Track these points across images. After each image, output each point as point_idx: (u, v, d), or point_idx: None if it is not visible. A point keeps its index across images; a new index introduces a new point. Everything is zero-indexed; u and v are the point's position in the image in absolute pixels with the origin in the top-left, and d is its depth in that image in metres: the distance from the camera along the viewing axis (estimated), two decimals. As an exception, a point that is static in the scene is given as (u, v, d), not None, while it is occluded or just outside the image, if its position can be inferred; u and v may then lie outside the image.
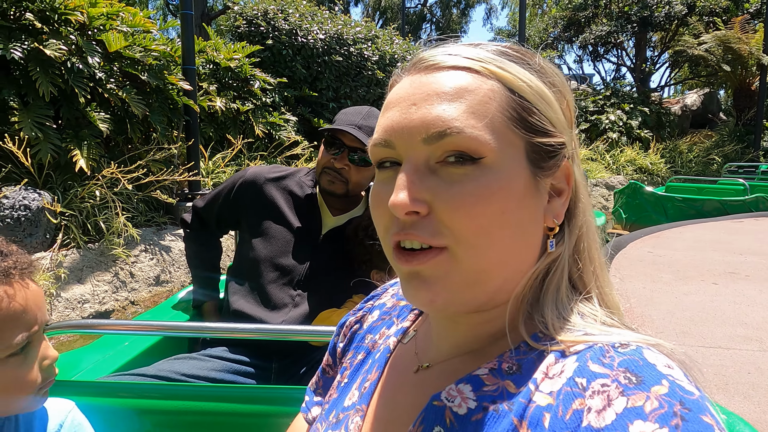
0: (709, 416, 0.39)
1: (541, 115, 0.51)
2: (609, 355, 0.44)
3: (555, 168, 0.52)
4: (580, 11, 16.90)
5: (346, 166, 1.60)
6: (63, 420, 0.88)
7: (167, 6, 19.56)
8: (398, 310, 0.71)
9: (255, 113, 6.69)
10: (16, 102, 3.84)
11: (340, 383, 0.69)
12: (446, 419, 0.50)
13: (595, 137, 13.51)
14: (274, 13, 8.06)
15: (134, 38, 4.64)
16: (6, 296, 0.76)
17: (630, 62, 18.39)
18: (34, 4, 4.01)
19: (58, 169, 4.10)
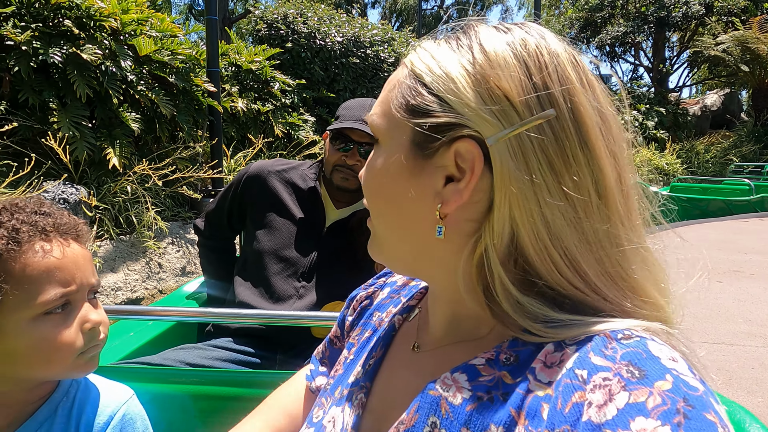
0: (713, 413, 0.38)
1: (429, 96, 0.50)
2: (611, 347, 0.43)
3: (439, 149, 0.50)
4: (597, 12, 16.90)
5: (358, 161, 1.62)
6: (116, 411, 0.85)
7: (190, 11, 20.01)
8: (407, 289, 0.72)
9: (275, 114, 6.94)
10: (55, 103, 4.12)
11: (346, 359, 0.70)
12: (441, 409, 0.50)
13: (610, 138, 13.53)
14: (293, 17, 8.32)
15: (162, 42, 4.90)
16: (42, 251, 0.76)
17: (648, 63, 18.31)
18: (71, 12, 4.29)
19: (93, 165, 4.37)
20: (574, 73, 0.49)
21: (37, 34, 4.01)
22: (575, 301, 0.48)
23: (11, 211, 0.79)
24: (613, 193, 0.48)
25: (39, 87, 4.09)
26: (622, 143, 0.52)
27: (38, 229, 0.77)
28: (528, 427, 0.43)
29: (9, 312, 0.74)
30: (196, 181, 5.25)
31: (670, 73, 18.27)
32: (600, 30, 17.10)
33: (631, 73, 19.38)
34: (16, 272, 0.74)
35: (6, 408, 0.79)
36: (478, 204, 0.50)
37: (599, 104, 0.50)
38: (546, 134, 0.47)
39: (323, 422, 0.62)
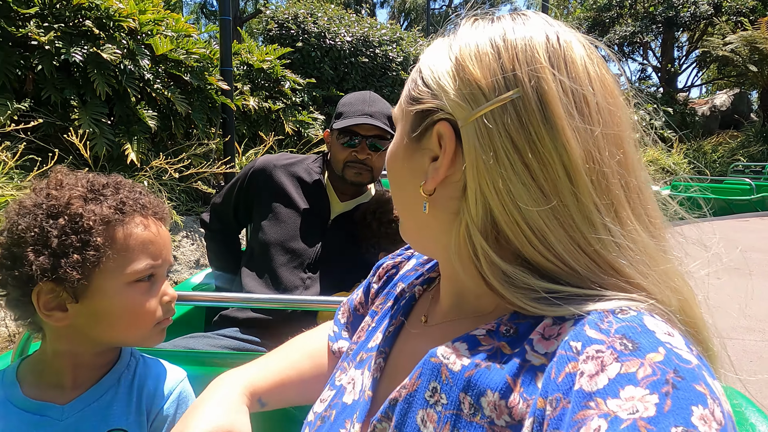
0: (703, 385, 0.39)
1: (421, 87, 0.57)
2: (607, 321, 0.45)
3: (426, 131, 0.56)
4: (605, 12, 16.92)
5: (369, 155, 1.66)
6: (173, 388, 0.91)
7: (202, 10, 20.21)
8: (430, 263, 0.75)
9: (285, 112, 7.08)
10: (76, 100, 4.28)
11: (369, 326, 0.73)
12: (442, 375, 0.52)
13: (617, 137, 13.57)
14: (303, 17, 8.46)
15: (178, 42, 5.06)
16: (141, 224, 0.84)
17: (656, 62, 18.30)
18: (92, 12, 4.45)
19: (112, 161, 4.53)
20: (546, 55, 0.51)
21: (59, 34, 4.17)
22: (551, 273, 0.50)
23: (115, 186, 0.86)
24: (580, 172, 0.49)
25: (61, 85, 4.25)
26: (617, 129, 0.51)
27: (139, 204, 0.85)
28: (522, 394, 0.45)
29: (107, 274, 0.80)
30: (209, 176, 5.40)
31: (678, 73, 18.25)
32: (608, 30, 17.11)
33: (640, 72, 19.36)
34: (120, 239, 0.81)
35: (74, 369, 0.85)
36: (457, 183, 0.54)
37: (578, 84, 0.50)
38: (509, 114, 0.49)
39: (344, 383, 0.66)
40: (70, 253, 0.76)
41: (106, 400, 0.85)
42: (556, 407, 0.42)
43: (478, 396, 0.48)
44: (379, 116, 1.65)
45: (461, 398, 0.49)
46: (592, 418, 0.39)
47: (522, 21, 0.54)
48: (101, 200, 0.81)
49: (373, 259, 1.61)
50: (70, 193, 0.80)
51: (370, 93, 1.73)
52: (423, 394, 0.52)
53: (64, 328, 0.82)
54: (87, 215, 0.78)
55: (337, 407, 0.63)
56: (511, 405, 0.46)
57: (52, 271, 0.76)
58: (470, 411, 0.48)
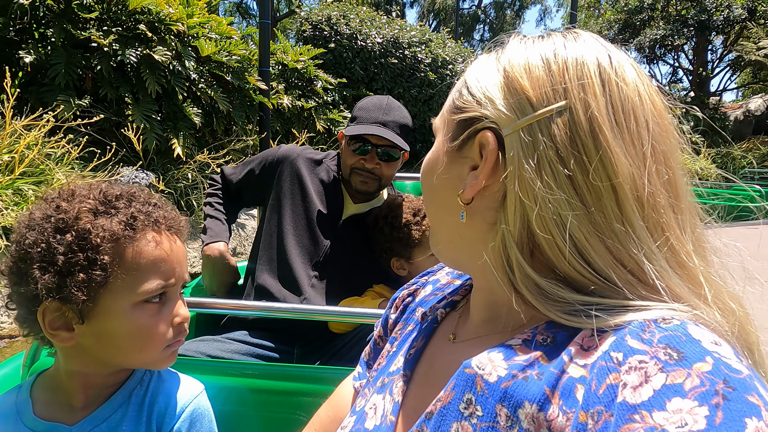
0: (756, 396, 0.37)
1: (466, 96, 0.57)
2: (649, 330, 0.43)
3: (467, 140, 0.56)
4: (636, 14, 16.83)
5: (377, 165, 1.62)
6: (187, 404, 0.86)
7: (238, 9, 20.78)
8: (452, 287, 0.74)
9: (317, 110, 7.40)
10: (130, 98, 4.66)
11: (389, 352, 0.72)
12: (477, 386, 0.50)
13: (644, 141, 13.57)
14: (336, 19, 8.78)
15: (221, 44, 5.41)
16: (153, 241, 0.78)
17: (689, 65, 18.12)
18: (145, 17, 4.83)
19: (159, 154, 4.91)
20: (596, 71, 0.51)
21: (116, 37, 4.55)
22: (586, 287, 0.48)
23: (128, 198, 0.81)
24: (625, 187, 0.48)
25: (117, 84, 4.64)
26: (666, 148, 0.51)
27: (152, 219, 0.80)
28: (562, 407, 0.43)
29: (114, 294, 0.75)
30: (246, 171, 5.77)
31: (710, 77, 18.03)
32: (639, 32, 17.02)
33: (670, 76, 19.18)
34: (129, 258, 0.76)
35: (85, 389, 0.82)
36: (497, 193, 0.53)
37: (628, 101, 0.50)
38: (557, 124, 0.49)
39: (365, 409, 0.64)
40: (76, 272, 0.72)
41: (116, 420, 0.81)
42: (598, 420, 0.40)
43: (515, 408, 0.46)
44: (392, 126, 1.62)
45: (497, 410, 0.48)
46: (638, 431, 0.37)
47: (573, 38, 0.54)
48: (112, 214, 0.77)
49: (385, 265, 1.65)
50: (80, 206, 0.76)
51: (389, 99, 1.70)
52: (457, 406, 0.51)
53: (71, 348, 0.78)
54: (95, 231, 0.74)
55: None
56: (550, 418, 0.44)
57: (57, 290, 0.72)
58: (507, 423, 0.46)
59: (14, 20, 4.42)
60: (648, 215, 0.49)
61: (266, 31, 5.91)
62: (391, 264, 1.62)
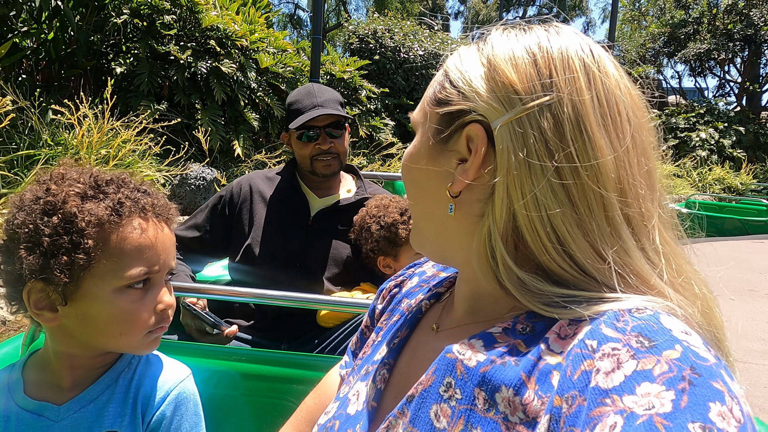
0: (721, 383, 0.38)
1: (449, 89, 0.56)
2: (623, 320, 0.45)
3: (454, 133, 0.55)
4: (681, 28, 16.80)
5: (332, 143, 1.68)
6: (172, 388, 0.86)
7: (290, 20, 21.82)
8: (437, 279, 0.75)
9: (360, 117, 8.00)
10: (199, 104, 5.36)
11: (374, 341, 0.73)
12: (457, 370, 0.52)
13: (683, 154, 13.58)
14: (382, 32, 9.39)
15: (278, 57, 6.08)
16: (139, 228, 0.78)
17: (739, 79, 17.88)
18: (214, 33, 5.53)
19: (222, 153, 5.59)
20: (581, 65, 0.52)
21: (191, 51, 5.26)
22: (566, 280, 0.50)
23: (118, 184, 0.81)
24: (611, 179, 0.49)
25: (189, 92, 5.34)
26: (644, 141, 0.53)
27: (139, 206, 0.79)
28: (537, 392, 0.45)
29: (97, 278, 0.75)
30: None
31: (759, 92, 17.72)
32: (684, 45, 16.97)
33: (717, 89, 18.93)
34: (113, 243, 0.76)
35: (72, 370, 0.82)
36: (485, 186, 0.53)
37: (612, 95, 0.52)
38: (546, 118, 0.50)
39: (348, 396, 0.66)
40: (60, 254, 0.73)
41: (102, 401, 0.81)
42: (572, 404, 0.42)
43: (493, 392, 0.48)
44: (329, 104, 1.69)
45: (476, 393, 0.49)
46: (608, 414, 0.39)
47: (555, 32, 0.55)
48: (100, 199, 0.77)
49: (372, 263, 1.67)
50: (69, 189, 0.76)
51: (315, 84, 1.76)
52: (437, 389, 0.53)
53: (56, 328, 0.79)
54: (81, 215, 0.74)
55: (341, 418, 0.63)
56: (525, 402, 0.46)
57: (40, 271, 0.73)
58: (484, 406, 0.48)
59: (108, 37, 5.20)
60: (630, 205, 0.50)
61: (318, 45, 6.54)
62: (378, 262, 1.66)
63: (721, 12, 16.20)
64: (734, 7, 15.85)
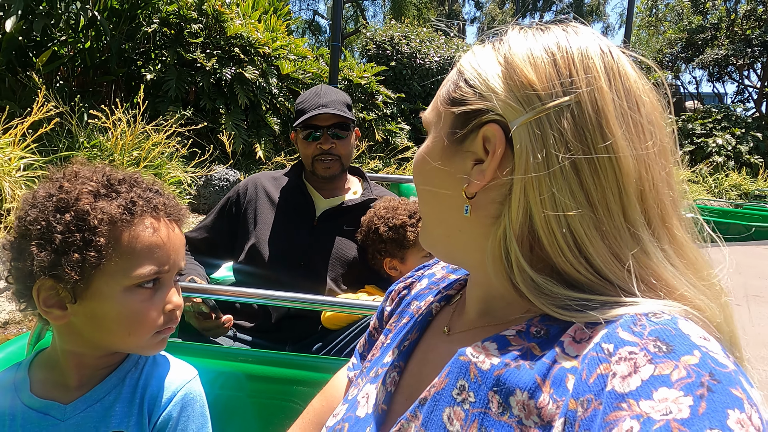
0: (740, 390, 0.38)
1: (464, 88, 0.55)
2: (640, 324, 0.44)
3: (470, 133, 0.54)
4: (698, 33, 16.77)
5: (333, 144, 1.68)
6: (178, 389, 0.86)
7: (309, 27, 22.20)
8: (447, 281, 0.74)
9: (377, 121, 8.21)
10: (223, 109, 5.62)
11: (383, 344, 0.73)
12: (470, 373, 0.51)
13: (699, 160, 13.56)
14: (398, 39, 9.61)
15: (299, 64, 6.32)
16: (151, 227, 0.78)
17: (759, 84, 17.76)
18: (238, 41, 5.79)
19: (245, 156, 5.84)
20: (601, 65, 0.51)
21: (217, 58, 5.52)
22: (581, 284, 0.50)
23: (130, 183, 0.81)
24: (631, 181, 0.49)
25: (214, 97, 5.60)
26: (663, 143, 0.52)
27: (151, 205, 0.80)
28: (552, 395, 0.45)
29: (107, 276, 0.76)
30: (313, 173, 6.65)
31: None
32: (702, 50, 16.93)
33: (736, 95, 18.82)
34: (124, 242, 0.76)
35: (78, 369, 0.82)
36: (502, 187, 0.52)
37: (632, 95, 0.51)
38: (566, 118, 0.49)
39: (357, 398, 0.66)
40: (71, 251, 0.73)
41: (109, 401, 0.82)
42: (588, 408, 0.41)
43: (507, 395, 0.48)
44: (334, 105, 1.69)
45: (490, 397, 0.49)
46: (624, 419, 0.38)
47: (574, 31, 0.54)
48: (112, 197, 0.78)
49: (378, 265, 1.67)
50: (82, 187, 0.77)
51: (323, 86, 1.77)
52: (450, 392, 0.52)
53: (64, 326, 0.80)
54: (93, 213, 0.75)
55: (350, 420, 0.63)
56: (540, 405, 0.45)
57: (50, 267, 0.73)
58: (498, 410, 0.48)
59: (139, 45, 5.48)
60: (650, 207, 0.50)
61: (336, 52, 6.77)
62: (384, 264, 1.65)
63: (739, 17, 16.14)
64: (753, 13, 15.78)
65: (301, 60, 6.48)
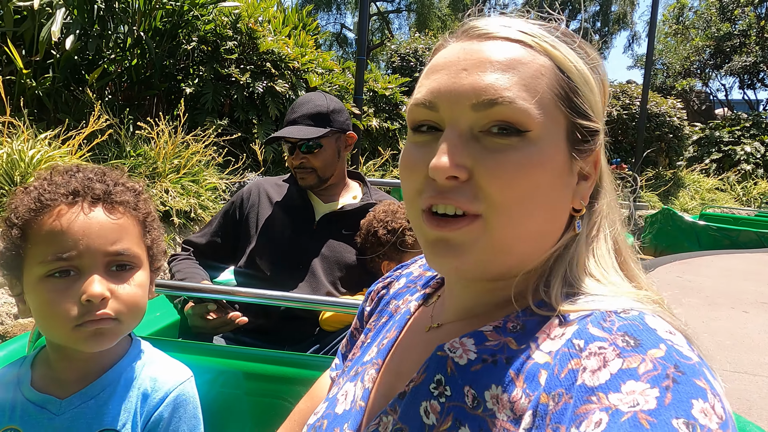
0: (704, 380, 0.40)
1: (583, 98, 0.53)
2: (609, 320, 0.46)
3: (589, 152, 0.54)
4: (726, 41, 16.62)
5: (303, 159, 1.70)
6: (171, 389, 0.85)
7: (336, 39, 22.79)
8: (424, 279, 0.75)
9: (400, 131, 8.50)
10: (255, 120, 6.00)
11: (363, 343, 0.74)
12: (447, 368, 0.53)
13: (727, 168, 13.44)
14: (422, 51, 9.92)
15: (326, 77, 6.66)
16: (55, 213, 0.76)
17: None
18: (269, 56, 6.17)
19: (274, 164, 6.20)
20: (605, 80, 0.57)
21: (250, 73, 5.91)
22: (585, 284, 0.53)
23: (72, 173, 0.81)
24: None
25: (247, 109, 5.99)
26: None
27: (67, 191, 0.77)
28: (526, 390, 0.46)
29: (29, 268, 0.76)
30: (339, 180, 6.97)
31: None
32: (730, 57, 16.76)
33: (766, 101, 18.50)
34: (34, 232, 0.76)
35: (66, 362, 0.83)
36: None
37: None
38: None
39: (337, 396, 0.67)
40: (4, 247, 0.76)
41: (103, 398, 0.81)
42: (558, 402, 0.43)
43: (482, 390, 0.49)
44: (301, 120, 1.70)
45: (465, 391, 0.50)
46: (594, 411, 0.40)
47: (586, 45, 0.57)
48: (30, 190, 0.78)
49: (376, 268, 1.68)
50: (39, 183, 0.78)
51: (305, 95, 1.81)
52: (428, 387, 0.53)
53: None
54: (10, 207, 0.76)
55: (329, 417, 0.64)
56: (513, 400, 0.47)
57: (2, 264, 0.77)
58: (473, 404, 0.49)
59: (179, 61, 5.92)
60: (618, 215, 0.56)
61: (362, 65, 7.12)
62: (382, 267, 1.66)
63: (769, 24, 15.96)
64: (784, 19, 15.60)
65: (328, 73, 6.83)
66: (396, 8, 21.36)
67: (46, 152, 3.87)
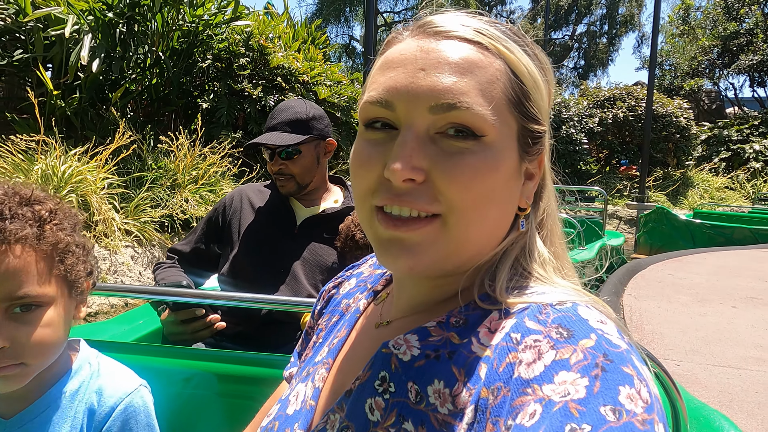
0: (631, 367, 0.41)
1: (533, 102, 0.54)
2: (545, 312, 0.48)
3: (536, 154, 0.56)
4: (732, 39, 16.66)
5: (282, 165, 1.71)
6: (118, 402, 0.82)
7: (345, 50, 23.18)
8: (373, 277, 0.76)
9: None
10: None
11: (315, 343, 0.75)
12: (392, 365, 0.53)
13: (737, 166, 13.47)
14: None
15: (334, 89, 6.96)
16: None
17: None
18: (280, 71, 6.49)
19: (287, 173, 6.49)
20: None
21: (262, 87, 6.23)
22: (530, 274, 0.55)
23: None
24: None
25: (259, 121, 6.29)
26: None
27: None
28: (467, 384, 0.47)
29: None
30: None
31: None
32: (737, 56, 16.79)
33: (777, 99, 18.45)
34: None
35: (18, 378, 0.77)
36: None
37: None
38: None
39: (289, 397, 0.67)
40: None
41: (48, 416, 0.79)
42: (497, 396, 0.44)
43: (425, 385, 0.50)
44: (281, 127, 1.72)
45: (409, 387, 0.51)
46: (529, 403, 0.41)
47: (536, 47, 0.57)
48: None
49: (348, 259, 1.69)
50: None
51: (286, 102, 1.82)
52: (373, 384, 0.54)
53: None
54: None
55: (280, 419, 0.64)
56: (455, 393, 0.48)
57: None
58: (416, 399, 0.50)
59: (195, 78, 6.26)
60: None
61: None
62: None
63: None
64: (790, 17, 15.61)
65: (336, 85, 7.13)
66: (402, 19, 21.65)
67: (76, 167, 4.20)
